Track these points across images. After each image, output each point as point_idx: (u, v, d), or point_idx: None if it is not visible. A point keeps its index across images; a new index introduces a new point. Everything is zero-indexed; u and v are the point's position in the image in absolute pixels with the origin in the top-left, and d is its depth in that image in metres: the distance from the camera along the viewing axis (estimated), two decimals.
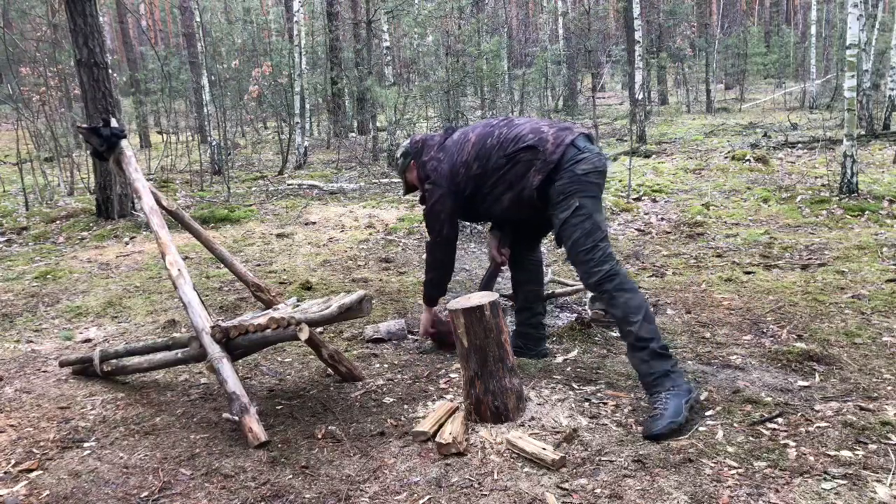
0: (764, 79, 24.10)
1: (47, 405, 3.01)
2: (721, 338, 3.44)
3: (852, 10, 6.73)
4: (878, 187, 6.97)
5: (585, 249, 2.80)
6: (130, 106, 14.93)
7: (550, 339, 3.55)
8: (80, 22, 6.77)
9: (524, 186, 2.95)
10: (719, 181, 8.10)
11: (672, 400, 2.54)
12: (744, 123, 14.19)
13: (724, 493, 2.09)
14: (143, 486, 2.33)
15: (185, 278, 2.96)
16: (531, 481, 2.21)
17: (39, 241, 6.62)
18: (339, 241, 6.27)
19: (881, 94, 13.28)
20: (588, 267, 2.80)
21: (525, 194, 2.95)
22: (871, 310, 3.69)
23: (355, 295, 2.67)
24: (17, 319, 4.36)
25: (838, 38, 16.82)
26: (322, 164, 11.96)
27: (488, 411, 2.56)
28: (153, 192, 3.20)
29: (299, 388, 3.16)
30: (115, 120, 3.34)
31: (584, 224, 2.82)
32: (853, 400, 2.67)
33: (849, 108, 6.69)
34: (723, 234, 5.80)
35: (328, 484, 2.28)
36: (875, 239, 5.25)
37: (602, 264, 2.78)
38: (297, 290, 4.66)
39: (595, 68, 23.53)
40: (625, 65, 15.61)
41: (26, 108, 10.16)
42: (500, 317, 2.58)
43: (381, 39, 13.11)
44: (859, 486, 2.09)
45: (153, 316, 4.32)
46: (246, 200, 8.34)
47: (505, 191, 3.01)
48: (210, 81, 11.59)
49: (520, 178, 2.96)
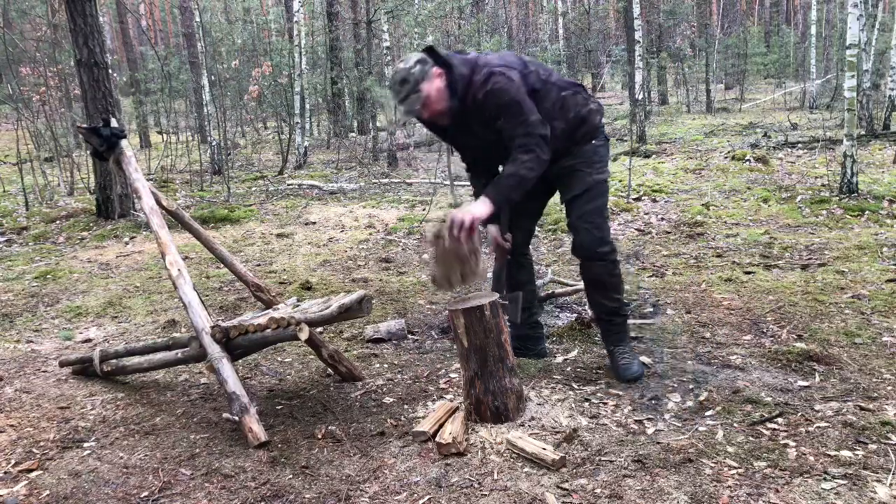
0: (764, 79, 24.09)
1: (47, 405, 3.01)
2: (721, 338, 3.44)
3: (852, 10, 6.72)
4: (878, 187, 6.97)
5: (604, 217, 2.96)
6: (130, 106, 14.92)
7: (550, 338, 3.55)
8: (80, 22, 6.77)
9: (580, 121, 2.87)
10: (719, 181, 8.10)
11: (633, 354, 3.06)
12: (744, 123, 14.18)
13: (724, 493, 2.09)
14: (143, 486, 2.33)
15: (185, 278, 2.96)
16: (531, 481, 2.21)
17: (39, 241, 6.62)
18: (339, 241, 6.27)
19: (881, 94, 13.27)
20: (601, 235, 2.92)
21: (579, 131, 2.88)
22: (871, 310, 3.69)
23: (355, 295, 2.67)
24: (17, 319, 4.36)
25: (838, 38, 16.82)
26: (322, 164, 11.97)
27: (488, 411, 2.56)
28: (153, 192, 3.20)
29: (299, 388, 3.16)
30: (115, 120, 3.34)
31: (607, 195, 3.00)
32: (853, 400, 2.67)
33: (849, 108, 6.69)
34: (723, 234, 5.80)
35: (328, 484, 2.28)
36: (875, 239, 5.25)
37: (610, 235, 3.00)
38: (297, 290, 4.66)
39: (595, 68, 23.53)
40: (625, 65, 15.61)
41: (26, 108, 10.16)
42: (500, 317, 2.58)
43: (381, 39, 13.10)
44: (859, 486, 2.09)
45: (153, 316, 4.32)
46: (246, 200, 8.34)
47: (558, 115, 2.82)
48: (210, 81, 11.58)
49: (577, 107, 2.86)
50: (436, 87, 2.68)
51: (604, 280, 2.98)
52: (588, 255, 2.94)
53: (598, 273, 2.96)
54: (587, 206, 2.91)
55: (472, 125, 2.81)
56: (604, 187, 2.95)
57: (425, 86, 2.67)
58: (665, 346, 3.35)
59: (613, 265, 2.96)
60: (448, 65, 2.70)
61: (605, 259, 2.93)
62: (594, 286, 3.03)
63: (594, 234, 2.90)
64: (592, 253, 2.92)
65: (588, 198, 2.91)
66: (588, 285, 3.07)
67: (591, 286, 3.04)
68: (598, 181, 2.92)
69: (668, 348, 3.32)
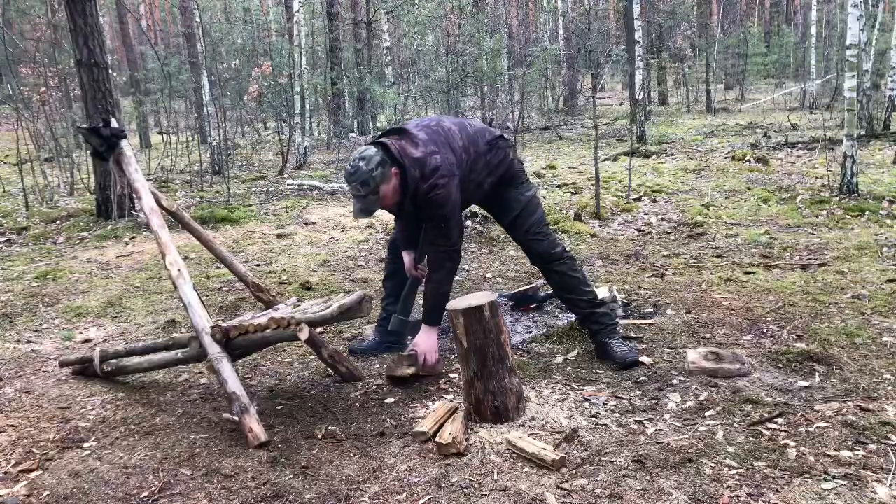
0: (764, 79, 24.08)
1: (47, 405, 3.01)
2: (721, 338, 3.44)
3: (852, 11, 6.72)
4: (878, 187, 6.97)
5: (546, 224, 3.30)
6: (130, 106, 14.92)
7: (550, 338, 3.55)
8: (80, 22, 6.77)
9: (505, 170, 3.21)
10: (719, 181, 8.10)
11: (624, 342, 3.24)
12: (744, 124, 14.18)
13: (724, 493, 2.09)
14: (143, 486, 2.33)
15: (185, 278, 2.96)
16: (531, 481, 2.21)
17: (39, 242, 6.62)
18: (339, 241, 6.27)
19: (881, 94, 13.27)
20: (552, 238, 3.26)
21: (505, 177, 3.22)
22: (871, 310, 3.69)
23: (355, 295, 2.67)
24: (17, 319, 4.36)
25: (838, 38, 16.81)
26: (322, 164, 11.96)
27: (488, 411, 2.56)
28: (153, 193, 3.20)
29: (299, 388, 3.16)
30: (115, 120, 3.33)
31: (541, 205, 3.32)
32: (853, 400, 2.67)
33: (849, 109, 6.69)
34: (723, 235, 5.80)
35: (328, 484, 2.28)
36: (875, 239, 5.25)
37: (557, 238, 3.34)
38: (297, 290, 4.66)
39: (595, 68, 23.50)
40: (625, 65, 15.61)
41: (26, 108, 10.16)
42: (500, 317, 2.57)
43: (381, 39, 13.12)
44: (859, 486, 2.09)
45: (153, 316, 4.32)
46: (246, 200, 8.34)
47: (487, 175, 3.17)
48: (210, 81, 11.58)
49: (500, 162, 3.19)
50: (392, 187, 2.92)
51: (569, 277, 3.24)
52: (548, 259, 3.22)
53: (562, 273, 3.23)
54: (530, 220, 3.22)
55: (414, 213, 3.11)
56: (536, 200, 3.28)
57: (383, 187, 2.90)
58: (665, 346, 3.35)
59: (572, 261, 3.28)
60: (402, 165, 2.91)
61: (563, 258, 3.24)
62: (564, 288, 3.27)
63: (545, 241, 3.23)
64: (551, 256, 3.22)
65: (527, 214, 3.22)
66: (559, 290, 3.32)
67: (562, 289, 3.29)
68: (528, 198, 3.25)
69: (668, 348, 3.32)
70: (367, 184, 2.87)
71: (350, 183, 2.92)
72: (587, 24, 10.98)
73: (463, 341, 2.55)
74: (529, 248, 3.26)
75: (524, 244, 3.28)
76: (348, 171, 2.92)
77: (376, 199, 2.91)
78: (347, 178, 2.93)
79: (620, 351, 3.15)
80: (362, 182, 2.87)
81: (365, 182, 2.86)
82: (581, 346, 3.42)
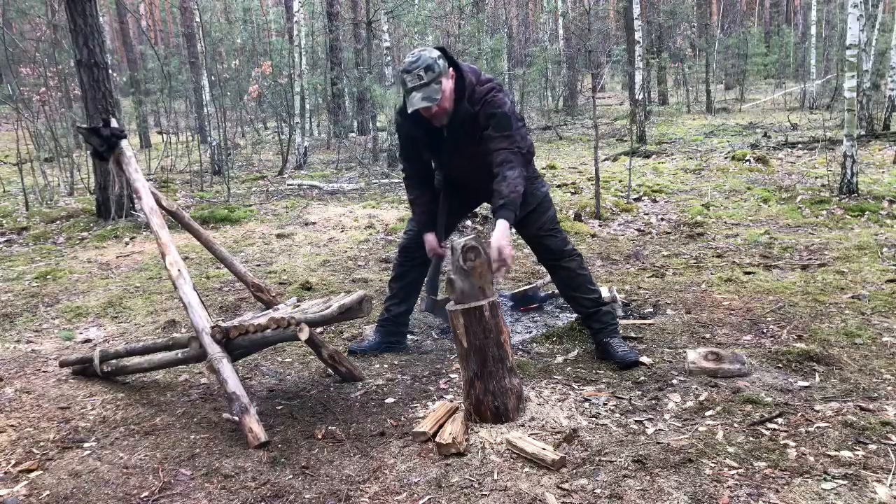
0: (764, 79, 24.09)
1: (47, 405, 3.01)
2: (721, 338, 3.44)
3: (852, 11, 6.72)
4: (878, 187, 6.97)
5: (558, 222, 3.29)
6: (130, 106, 14.91)
7: (550, 338, 3.55)
8: (80, 22, 6.77)
9: (529, 149, 3.08)
10: (719, 181, 8.11)
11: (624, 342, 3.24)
12: (744, 124, 14.19)
13: (724, 493, 2.09)
14: (143, 486, 2.33)
15: (185, 278, 2.96)
16: (531, 481, 2.21)
17: (39, 242, 6.62)
18: (339, 242, 6.27)
19: (881, 94, 13.27)
20: (564, 235, 3.28)
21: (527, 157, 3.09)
22: (871, 310, 3.69)
23: (355, 295, 2.67)
24: (17, 319, 4.36)
25: (838, 39, 16.80)
26: (322, 164, 11.97)
27: (488, 411, 2.56)
28: (153, 193, 3.20)
29: (299, 388, 3.16)
30: (114, 120, 3.33)
31: (553, 204, 3.30)
32: (853, 400, 2.67)
33: (849, 109, 6.69)
34: (723, 235, 5.80)
35: (328, 484, 2.28)
36: (875, 239, 5.25)
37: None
38: (297, 290, 4.66)
39: (595, 68, 23.50)
40: (625, 65, 15.61)
41: (26, 108, 10.16)
42: (500, 317, 2.57)
43: (381, 39, 13.10)
44: (859, 486, 2.09)
45: (153, 316, 4.32)
46: (246, 200, 8.34)
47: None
48: (210, 81, 11.58)
49: (527, 136, 3.10)
50: (450, 87, 2.80)
51: (577, 274, 3.25)
52: (560, 256, 3.22)
53: (570, 269, 3.23)
54: (544, 217, 3.21)
55: (460, 134, 2.93)
56: (549, 198, 3.28)
57: (444, 81, 2.77)
58: (665, 346, 3.35)
59: (580, 259, 3.29)
60: (459, 68, 2.82)
61: (573, 255, 3.26)
62: (571, 286, 3.27)
63: (558, 237, 3.23)
64: (563, 252, 3.22)
65: (542, 210, 3.20)
66: (565, 288, 3.31)
67: (568, 287, 3.29)
68: (544, 194, 3.23)
69: (668, 348, 3.32)
70: (431, 69, 2.74)
71: (410, 72, 2.75)
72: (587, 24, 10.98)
73: (463, 341, 2.55)
74: (541, 244, 3.23)
75: (536, 240, 3.24)
76: (408, 61, 2.76)
77: (439, 89, 2.76)
78: (407, 68, 2.76)
79: (621, 351, 3.16)
80: (426, 67, 2.73)
81: (430, 67, 2.73)
82: (581, 346, 3.42)
